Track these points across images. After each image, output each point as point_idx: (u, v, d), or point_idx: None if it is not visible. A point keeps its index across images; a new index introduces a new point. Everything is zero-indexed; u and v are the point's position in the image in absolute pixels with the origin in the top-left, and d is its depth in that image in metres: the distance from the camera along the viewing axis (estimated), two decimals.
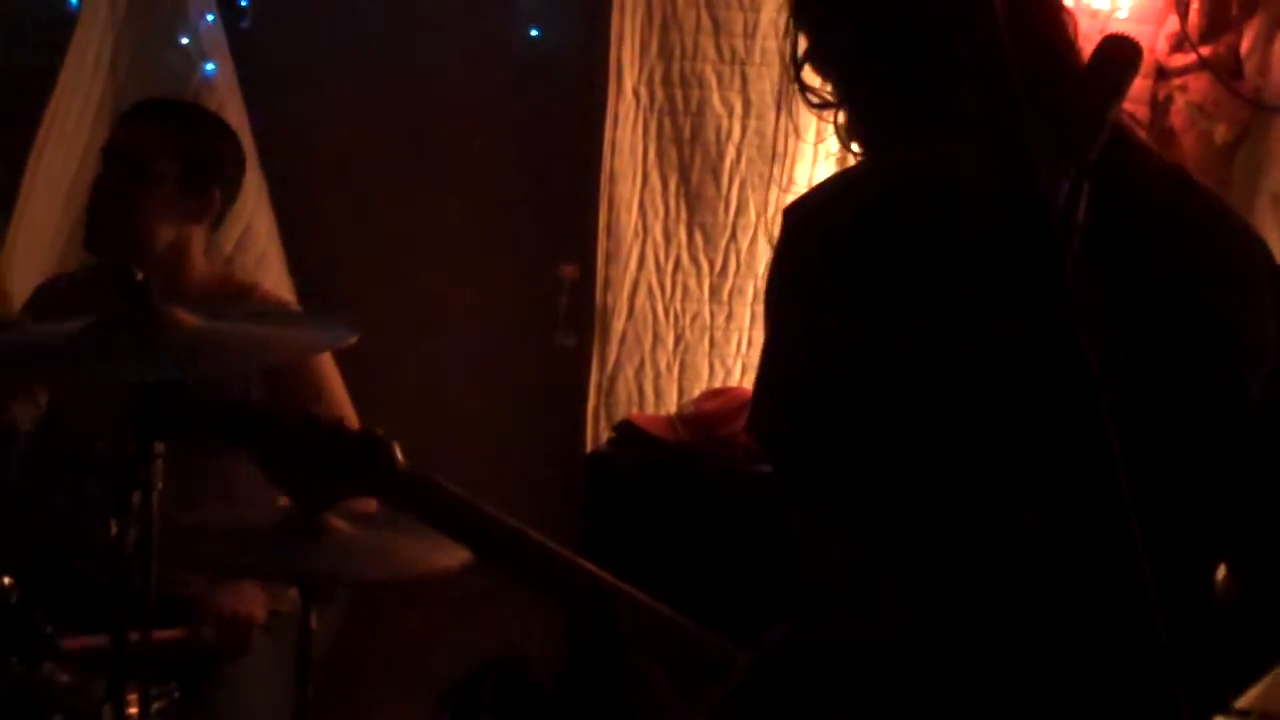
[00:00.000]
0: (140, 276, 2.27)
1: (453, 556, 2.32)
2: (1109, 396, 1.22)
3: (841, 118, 1.65)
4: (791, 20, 1.63)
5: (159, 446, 2.24)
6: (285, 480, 1.97)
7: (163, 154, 3.15)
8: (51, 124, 4.01)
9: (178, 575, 2.70)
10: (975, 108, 1.37)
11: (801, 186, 4.02)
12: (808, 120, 1.77)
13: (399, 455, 1.91)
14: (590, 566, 1.84)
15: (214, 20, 4.19)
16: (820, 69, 1.64)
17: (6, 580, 2.46)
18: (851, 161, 1.68)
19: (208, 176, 3.20)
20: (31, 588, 2.51)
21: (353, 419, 3.04)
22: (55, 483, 3.08)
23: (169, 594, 2.37)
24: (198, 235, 3.23)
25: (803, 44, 1.64)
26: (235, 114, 4.17)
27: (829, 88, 1.68)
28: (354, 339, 2.31)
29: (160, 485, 2.25)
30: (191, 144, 3.18)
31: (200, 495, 2.92)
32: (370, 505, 2.28)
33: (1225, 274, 1.54)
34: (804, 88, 1.63)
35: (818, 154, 3.96)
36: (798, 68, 1.62)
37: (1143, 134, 1.59)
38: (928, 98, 1.53)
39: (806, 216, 1.56)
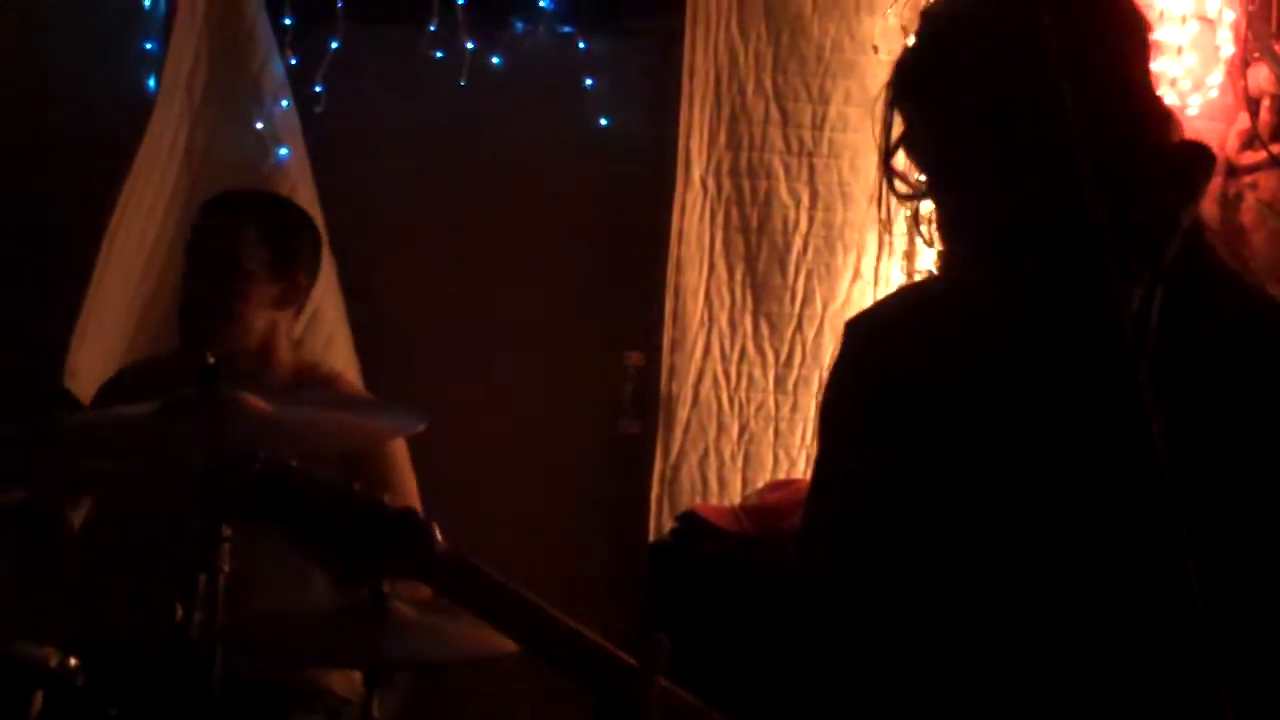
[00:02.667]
0: (211, 360, 2.29)
1: (510, 640, 2.31)
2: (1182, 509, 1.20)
3: (926, 210, 1.64)
4: (888, 95, 1.61)
5: (225, 530, 2.25)
6: (319, 555, 1.96)
7: (251, 246, 3.18)
8: (126, 206, 4.06)
9: (244, 659, 2.70)
10: (1051, 205, 1.37)
11: (869, 278, 4.04)
12: (873, 214, 1.76)
13: (438, 536, 1.90)
14: (628, 659, 1.82)
15: (289, 105, 4.25)
16: (913, 152, 1.63)
17: (72, 661, 2.47)
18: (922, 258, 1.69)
19: (293, 264, 3.24)
20: (97, 669, 2.52)
21: (415, 503, 3.05)
22: (122, 565, 3.10)
23: (237, 678, 2.37)
24: (285, 322, 3.26)
25: (897, 129, 1.62)
26: (308, 197, 4.22)
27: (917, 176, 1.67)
28: (422, 427, 2.32)
29: (226, 569, 2.26)
30: (276, 233, 3.22)
31: (265, 579, 2.92)
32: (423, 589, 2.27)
33: None
34: (893, 174, 1.61)
35: (883, 246, 3.98)
36: (890, 151, 1.60)
37: (1214, 241, 1.57)
38: (1007, 193, 1.51)
39: (869, 335, 1.58)
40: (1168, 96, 3.76)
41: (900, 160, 1.60)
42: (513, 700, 4.16)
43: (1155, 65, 3.69)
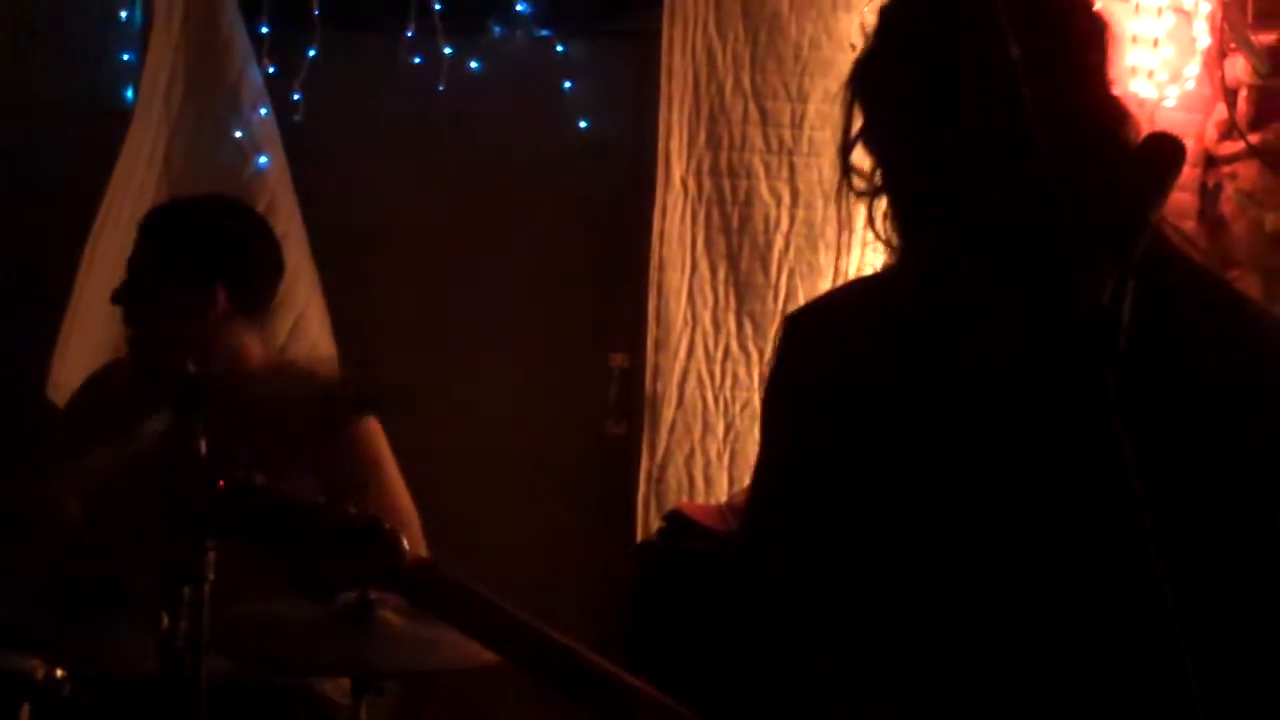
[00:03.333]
0: (193, 369, 2.28)
1: None
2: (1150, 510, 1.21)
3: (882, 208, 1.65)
4: (847, 94, 1.63)
5: (209, 540, 2.25)
6: (289, 570, 1.96)
7: (148, 263, 3.13)
8: (107, 217, 4.06)
9: (231, 666, 2.70)
10: (1008, 201, 1.37)
11: (850, 276, 4.05)
12: (856, 209, 1.77)
13: (404, 549, 1.89)
14: (606, 665, 1.82)
15: (267, 114, 4.25)
16: (869, 148, 1.64)
17: (59, 673, 2.47)
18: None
19: (201, 273, 3.13)
20: (83, 681, 2.52)
21: (406, 501, 3.05)
22: (106, 576, 3.09)
23: (228, 682, 2.37)
24: (228, 329, 3.16)
25: (856, 123, 1.63)
26: (287, 205, 4.23)
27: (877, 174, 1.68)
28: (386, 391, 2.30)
29: (211, 578, 2.26)
30: (176, 241, 3.15)
31: (249, 587, 2.92)
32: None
33: (1257, 397, 1.53)
34: (849, 171, 1.63)
35: (867, 243, 3.98)
36: (848, 148, 1.61)
37: (1178, 237, 1.58)
38: (959, 188, 1.53)
39: (818, 328, 1.59)
40: (1145, 89, 3.78)
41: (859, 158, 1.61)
42: (504, 707, 4.17)
43: (1132, 58, 3.71)
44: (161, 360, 3.06)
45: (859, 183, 1.60)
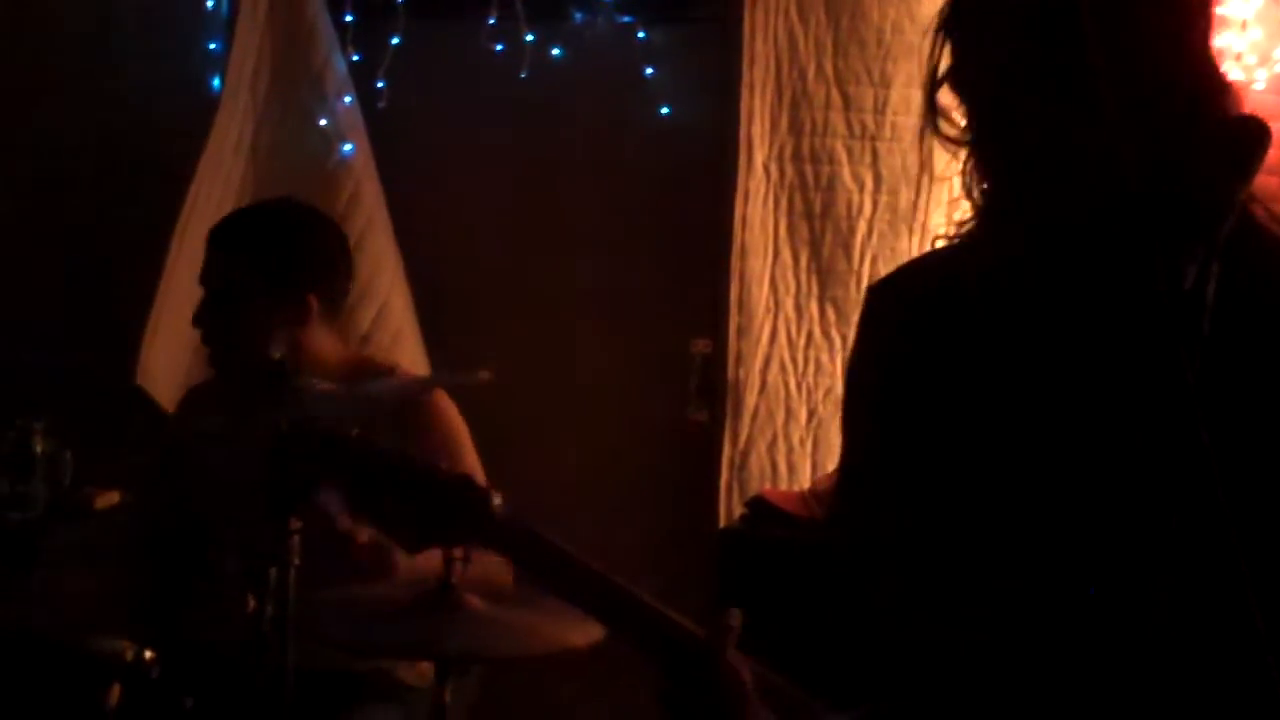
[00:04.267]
0: (278, 356, 2.31)
1: (584, 634, 2.33)
2: (1226, 486, 1.19)
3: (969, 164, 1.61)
4: (938, 28, 1.57)
5: (295, 523, 2.28)
6: (378, 517, 1.97)
7: (245, 278, 3.13)
8: (194, 204, 4.10)
9: (317, 650, 2.73)
10: (1093, 177, 1.36)
11: None
12: (938, 197, 1.78)
13: (497, 503, 1.90)
14: (695, 629, 1.83)
15: (352, 101, 4.28)
16: (958, 93, 1.59)
17: (148, 654, 2.51)
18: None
19: (297, 283, 3.15)
20: (172, 662, 2.55)
21: (480, 477, 3.06)
22: (194, 560, 3.13)
23: (307, 669, 2.39)
24: (312, 334, 3.17)
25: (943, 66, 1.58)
26: (372, 193, 4.26)
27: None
28: (483, 376, 2.32)
29: (296, 561, 2.29)
30: (269, 259, 3.15)
31: (336, 571, 2.95)
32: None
33: None
34: (937, 120, 1.57)
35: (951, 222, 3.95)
36: (934, 88, 1.56)
37: (1267, 218, 1.55)
38: (1051, 149, 1.49)
39: (884, 298, 1.58)
40: (1233, 72, 3.72)
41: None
42: (586, 691, 4.18)
43: (1220, 40, 3.65)
44: (245, 366, 3.08)
45: (948, 129, 1.56)
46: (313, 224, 3.28)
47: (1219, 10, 3.67)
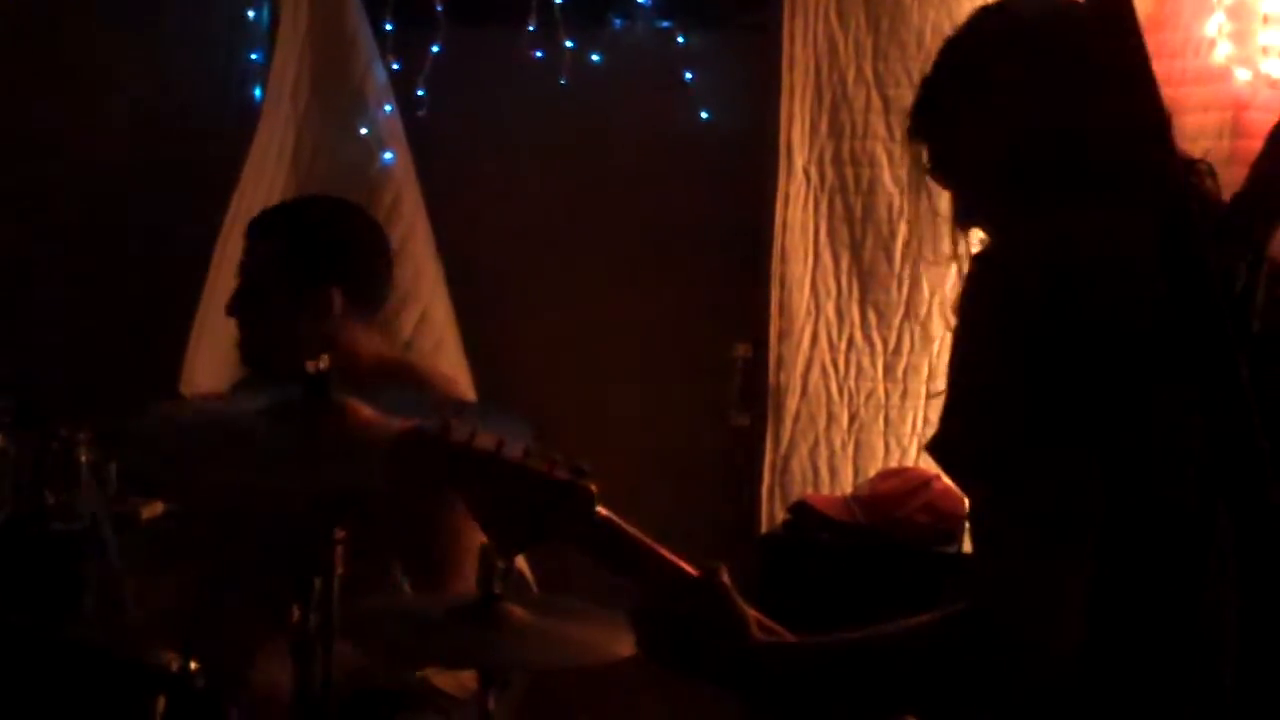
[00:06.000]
0: (319, 365, 2.32)
1: (629, 644, 2.32)
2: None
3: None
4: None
5: (339, 533, 2.29)
6: (489, 521, 2.00)
7: (268, 265, 3.14)
8: (237, 214, 4.11)
9: (360, 660, 2.73)
10: (1141, 188, 1.36)
11: None
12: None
13: (596, 502, 1.97)
14: (773, 625, 1.86)
15: (392, 110, 4.30)
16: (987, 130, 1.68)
17: (193, 665, 2.51)
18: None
19: (316, 273, 3.12)
20: (217, 673, 2.56)
21: None
22: (239, 568, 3.14)
23: (351, 678, 2.40)
24: (341, 330, 3.13)
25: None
26: (412, 200, 4.27)
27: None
28: (529, 435, 2.32)
29: (341, 571, 2.29)
30: (288, 247, 3.14)
31: (379, 581, 2.96)
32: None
33: None
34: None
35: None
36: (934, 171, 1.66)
37: None
38: (1089, 175, 1.54)
39: (1004, 270, 1.62)
40: (1276, 69, 3.69)
41: None
42: (632, 703, 4.18)
43: (1264, 37, 3.62)
44: (275, 362, 3.08)
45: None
46: (340, 218, 3.26)
47: (1263, 8, 3.64)
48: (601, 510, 1.96)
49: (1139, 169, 1.26)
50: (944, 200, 4.05)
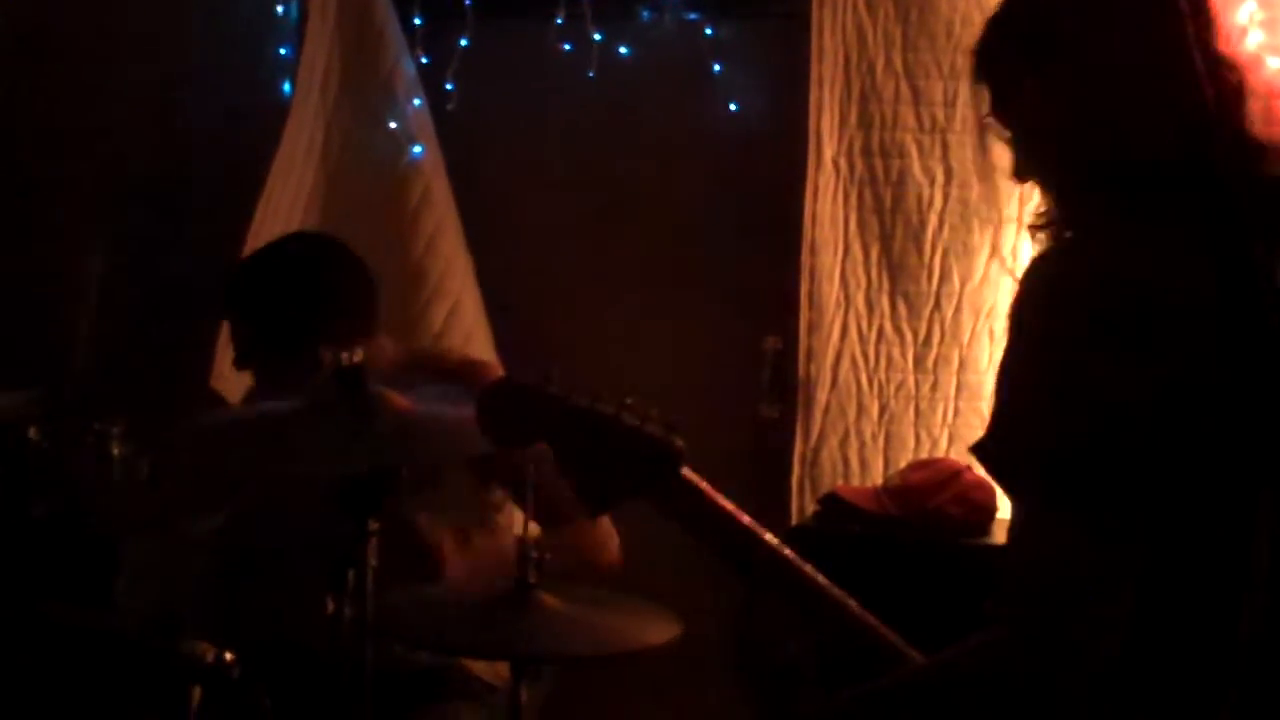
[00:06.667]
0: (354, 359, 2.32)
1: (661, 632, 2.33)
2: None
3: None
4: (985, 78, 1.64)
5: (373, 524, 2.29)
6: (579, 473, 2.01)
7: (248, 346, 3.12)
8: (266, 208, 4.13)
9: (394, 649, 2.74)
10: (1183, 192, 1.36)
11: (1006, 255, 3.99)
12: (1009, 190, 1.79)
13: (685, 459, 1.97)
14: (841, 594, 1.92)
15: (421, 104, 4.30)
16: (1016, 135, 1.66)
17: (228, 655, 2.52)
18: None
19: (313, 344, 2.89)
20: (252, 662, 2.57)
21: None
22: (271, 558, 3.16)
23: (387, 668, 2.40)
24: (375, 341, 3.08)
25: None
26: (442, 194, 4.28)
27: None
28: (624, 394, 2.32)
29: (374, 563, 2.30)
30: (268, 331, 3.09)
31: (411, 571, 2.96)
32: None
33: None
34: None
35: (1022, 221, 3.93)
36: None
37: None
38: (1135, 178, 1.53)
39: (1069, 281, 1.59)
40: None
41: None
42: (665, 692, 4.18)
43: None
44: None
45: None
46: (314, 264, 3.15)
47: None
48: (688, 472, 1.93)
49: (1199, 172, 1.25)
50: (973, 191, 4.05)
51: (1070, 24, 1.65)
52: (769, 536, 1.91)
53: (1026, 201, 1.67)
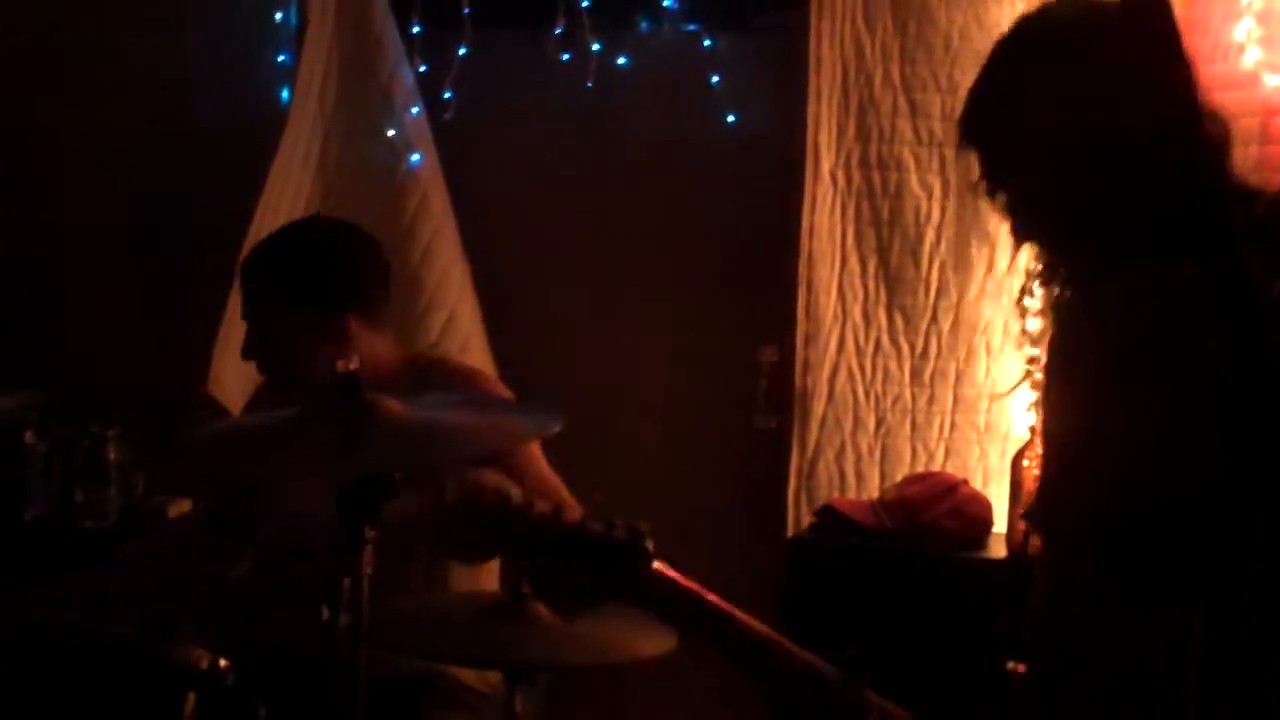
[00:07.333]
0: (349, 365, 2.32)
1: (655, 644, 2.33)
2: None
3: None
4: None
5: (369, 533, 2.29)
6: (550, 585, 2.01)
7: (263, 319, 3.15)
8: (264, 215, 4.12)
9: (391, 657, 2.74)
10: (1183, 222, 1.36)
11: (1002, 268, 3.99)
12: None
13: (653, 556, 1.96)
14: (830, 669, 1.85)
15: (419, 112, 4.30)
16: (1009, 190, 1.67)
17: (223, 662, 2.52)
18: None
19: (326, 309, 3.09)
20: (247, 670, 2.57)
21: (548, 468, 3.06)
22: (268, 567, 3.15)
23: (378, 674, 2.40)
24: (361, 346, 3.05)
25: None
26: (439, 203, 4.28)
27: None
28: (560, 427, 2.33)
29: (369, 571, 2.29)
30: (289, 295, 3.11)
31: (407, 580, 2.96)
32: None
33: None
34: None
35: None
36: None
37: None
38: (1137, 212, 1.53)
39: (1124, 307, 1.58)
40: None
41: None
42: (659, 701, 4.18)
43: None
44: (300, 386, 3.07)
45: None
46: (329, 244, 3.19)
47: None
48: (660, 566, 1.93)
49: (1195, 213, 1.25)
50: (970, 205, 4.06)
51: (1057, 89, 1.66)
52: (758, 624, 1.88)
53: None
